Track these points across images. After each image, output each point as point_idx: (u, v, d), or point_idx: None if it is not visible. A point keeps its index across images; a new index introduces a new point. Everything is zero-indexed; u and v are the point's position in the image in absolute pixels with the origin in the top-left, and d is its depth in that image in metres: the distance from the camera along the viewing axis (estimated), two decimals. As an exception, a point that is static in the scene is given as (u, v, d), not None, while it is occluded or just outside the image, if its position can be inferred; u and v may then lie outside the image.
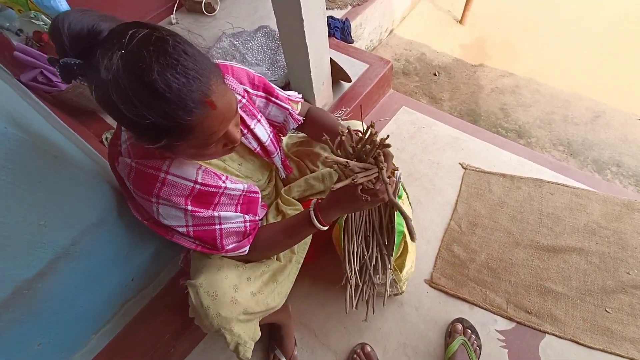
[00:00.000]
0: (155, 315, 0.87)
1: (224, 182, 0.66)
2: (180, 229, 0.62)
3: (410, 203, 1.08)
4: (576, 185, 1.27)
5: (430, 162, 1.39)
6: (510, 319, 1.01)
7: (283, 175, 0.88)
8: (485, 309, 1.03)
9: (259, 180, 0.80)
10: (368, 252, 0.86)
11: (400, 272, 0.87)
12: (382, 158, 0.58)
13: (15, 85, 1.00)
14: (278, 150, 0.82)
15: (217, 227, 0.65)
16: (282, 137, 0.86)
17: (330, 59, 1.27)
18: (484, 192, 1.29)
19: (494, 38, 2.18)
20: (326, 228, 0.68)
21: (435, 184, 1.32)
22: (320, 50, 1.15)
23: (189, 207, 0.60)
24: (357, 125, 0.90)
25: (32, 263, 0.56)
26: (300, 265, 0.85)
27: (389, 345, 1.00)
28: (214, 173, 0.65)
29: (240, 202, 0.69)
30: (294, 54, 1.16)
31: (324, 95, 1.33)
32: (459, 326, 0.96)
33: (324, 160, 0.56)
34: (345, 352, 1.00)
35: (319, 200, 0.68)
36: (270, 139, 0.78)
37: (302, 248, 0.86)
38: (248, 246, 0.70)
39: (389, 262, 0.82)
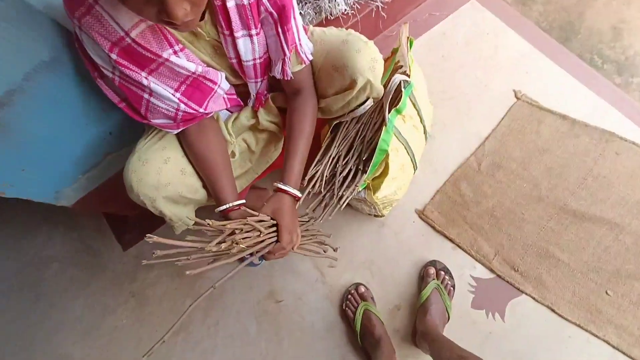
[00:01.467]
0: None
1: (174, 52, 0.56)
2: (106, 72, 0.58)
3: (423, 123, 0.90)
4: (658, 150, 0.97)
5: (477, 80, 1.12)
6: (492, 270, 0.94)
7: (251, 103, 0.75)
8: (469, 254, 0.96)
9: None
10: (343, 161, 0.78)
11: (374, 193, 0.79)
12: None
13: None
14: (259, 80, 0.67)
15: (145, 95, 0.59)
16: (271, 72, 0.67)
17: None
18: (528, 132, 1.05)
19: None
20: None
21: (471, 108, 1.09)
22: None
23: (114, 56, 0.53)
24: (361, 48, 0.66)
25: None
26: (257, 175, 0.81)
27: (355, 258, 1.01)
28: (165, 37, 0.55)
29: (187, 83, 0.61)
30: None
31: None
32: (432, 270, 0.91)
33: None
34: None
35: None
36: (255, 64, 0.63)
37: (262, 163, 0.80)
38: (176, 131, 0.66)
39: (360, 179, 0.73)
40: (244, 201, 0.69)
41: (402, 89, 0.74)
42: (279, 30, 0.59)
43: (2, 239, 1.23)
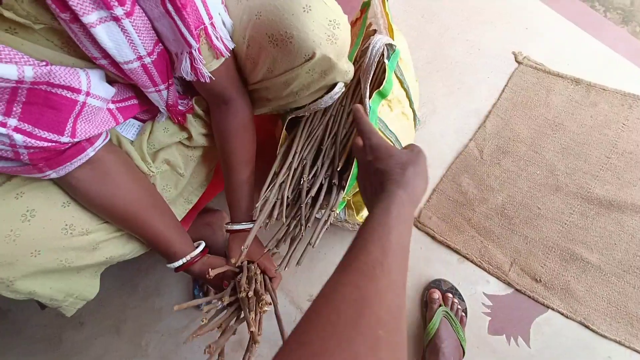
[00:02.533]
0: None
1: None
2: None
3: (413, 106, 0.67)
4: (689, 113, 0.80)
5: (469, 44, 0.89)
6: (508, 284, 0.76)
7: (163, 117, 0.51)
8: (480, 266, 0.77)
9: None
10: (308, 175, 0.54)
11: (358, 213, 0.57)
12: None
13: None
14: (163, 86, 0.43)
15: None
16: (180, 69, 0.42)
17: None
18: (535, 105, 0.85)
19: None
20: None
21: (465, 81, 0.87)
22: None
23: None
24: (311, 3, 0.42)
25: None
26: (191, 205, 0.58)
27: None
28: None
29: (20, 100, 0.34)
30: None
31: None
32: (436, 293, 0.72)
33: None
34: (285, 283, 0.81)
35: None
36: (145, 65, 0.39)
37: (195, 189, 0.59)
38: (40, 175, 0.40)
39: (336, 198, 0.51)
40: (203, 244, 0.56)
41: (385, 60, 0.49)
42: (169, 8, 0.35)
43: None
